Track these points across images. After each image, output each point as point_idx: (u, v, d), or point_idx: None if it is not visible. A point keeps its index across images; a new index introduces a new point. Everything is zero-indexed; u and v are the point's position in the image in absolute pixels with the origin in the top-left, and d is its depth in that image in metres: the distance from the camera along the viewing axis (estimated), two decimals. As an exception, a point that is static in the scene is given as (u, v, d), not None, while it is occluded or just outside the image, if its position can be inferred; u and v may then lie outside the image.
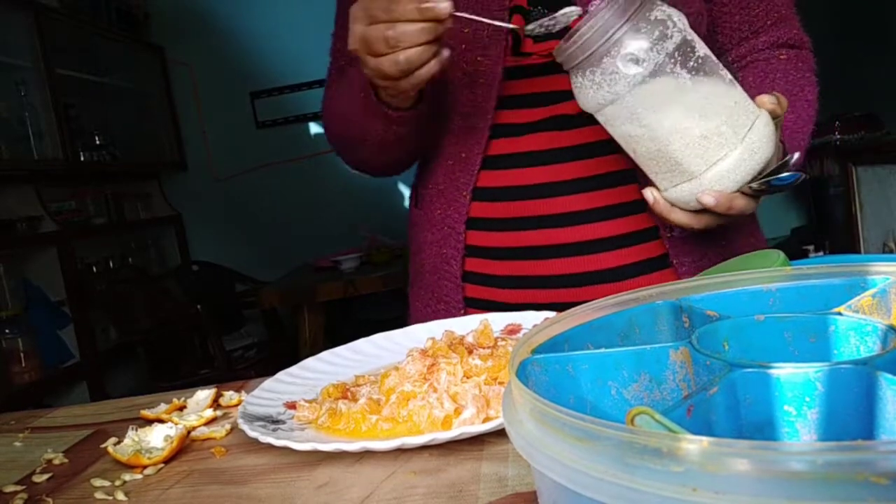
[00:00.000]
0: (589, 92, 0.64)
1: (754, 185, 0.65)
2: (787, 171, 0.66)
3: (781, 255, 0.57)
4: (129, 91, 3.57)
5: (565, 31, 0.64)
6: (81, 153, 3.05)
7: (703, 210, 0.67)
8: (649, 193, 0.70)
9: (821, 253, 3.04)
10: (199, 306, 2.73)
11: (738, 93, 0.64)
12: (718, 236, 0.83)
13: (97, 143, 3.23)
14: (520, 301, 0.84)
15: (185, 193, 3.95)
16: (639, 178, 0.77)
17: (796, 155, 0.66)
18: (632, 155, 0.68)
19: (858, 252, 2.74)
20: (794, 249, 3.03)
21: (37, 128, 2.79)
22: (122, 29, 3.58)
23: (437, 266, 0.89)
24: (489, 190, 0.84)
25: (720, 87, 0.63)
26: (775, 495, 0.18)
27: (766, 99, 0.67)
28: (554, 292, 0.82)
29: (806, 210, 3.45)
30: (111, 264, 3.20)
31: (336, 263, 2.86)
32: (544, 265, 0.82)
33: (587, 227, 0.80)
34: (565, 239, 0.81)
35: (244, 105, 3.88)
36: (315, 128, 3.86)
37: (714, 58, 0.65)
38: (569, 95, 0.69)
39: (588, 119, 0.69)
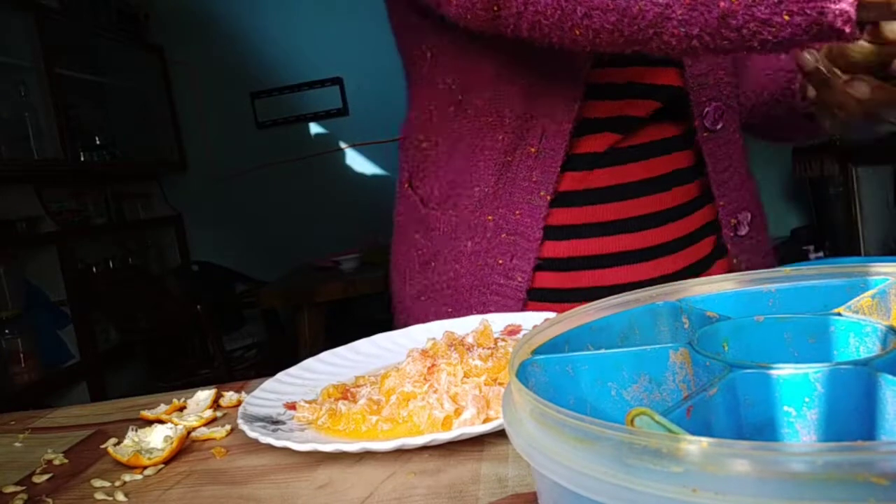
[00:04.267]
0: None
1: None
2: None
3: None
4: (129, 91, 3.58)
5: None
6: (81, 153, 3.05)
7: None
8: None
9: (821, 254, 3.04)
10: (199, 306, 2.73)
11: None
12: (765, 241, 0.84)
13: (97, 143, 3.23)
14: None
15: (185, 193, 3.95)
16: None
17: None
18: None
19: (858, 253, 2.74)
20: (795, 250, 3.03)
21: (37, 128, 2.79)
22: (122, 29, 3.58)
23: (487, 279, 0.79)
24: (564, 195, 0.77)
25: None
26: (775, 496, 0.18)
27: None
28: None
29: (806, 210, 3.45)
30: (111, 264, 3.20)
31: (336, 263, 2.86)
32: (609, 274, 0.77)
33: (655, 232, 0.77)
34: (635, 245, 0.77)
35: (244, 105, 3.88)
36: (315, 128, 3.85)
37: None
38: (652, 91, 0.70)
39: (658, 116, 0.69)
